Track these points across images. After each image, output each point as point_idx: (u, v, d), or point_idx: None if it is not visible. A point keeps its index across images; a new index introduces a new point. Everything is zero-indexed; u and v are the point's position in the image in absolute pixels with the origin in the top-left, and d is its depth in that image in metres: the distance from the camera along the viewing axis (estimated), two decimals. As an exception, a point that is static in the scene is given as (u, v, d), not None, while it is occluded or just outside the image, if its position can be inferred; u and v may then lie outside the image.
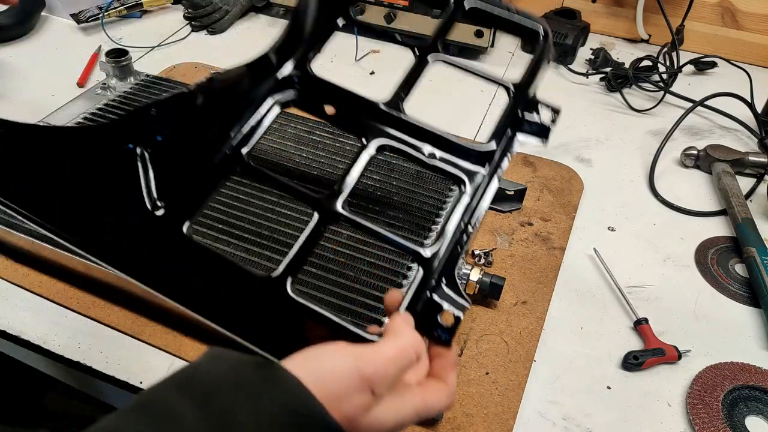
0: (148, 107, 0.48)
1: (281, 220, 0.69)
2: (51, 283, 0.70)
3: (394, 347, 0.39)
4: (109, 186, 0.46)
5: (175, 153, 0.48)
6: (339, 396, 0.35)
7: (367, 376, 0.36)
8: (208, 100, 0.51)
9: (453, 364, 0.43)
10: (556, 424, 0.60)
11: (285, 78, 0.54)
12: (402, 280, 0.63)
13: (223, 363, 0.36)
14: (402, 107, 0.54)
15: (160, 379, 0.35)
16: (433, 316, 0.44)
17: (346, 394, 0.36)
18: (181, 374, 0.35)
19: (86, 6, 1.23)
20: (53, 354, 0.64)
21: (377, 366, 0.37)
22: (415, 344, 0.40)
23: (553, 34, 1.16)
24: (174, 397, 0.33)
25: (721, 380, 0.63)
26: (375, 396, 0.37)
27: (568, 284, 0.74)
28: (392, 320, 0.42)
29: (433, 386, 0.41)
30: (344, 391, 0.36)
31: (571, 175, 0.89)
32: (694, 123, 1.02)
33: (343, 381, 0.36)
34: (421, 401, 0.40)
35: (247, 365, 0.36)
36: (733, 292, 0.74)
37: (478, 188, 0.51)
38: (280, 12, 1.32)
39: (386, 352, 0.38)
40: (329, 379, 0.36)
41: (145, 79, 0.95)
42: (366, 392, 0.36)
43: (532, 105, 0.54)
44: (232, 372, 0.35)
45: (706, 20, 1.19)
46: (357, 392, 0.36)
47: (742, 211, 0.81)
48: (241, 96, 0.52)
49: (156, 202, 0.46)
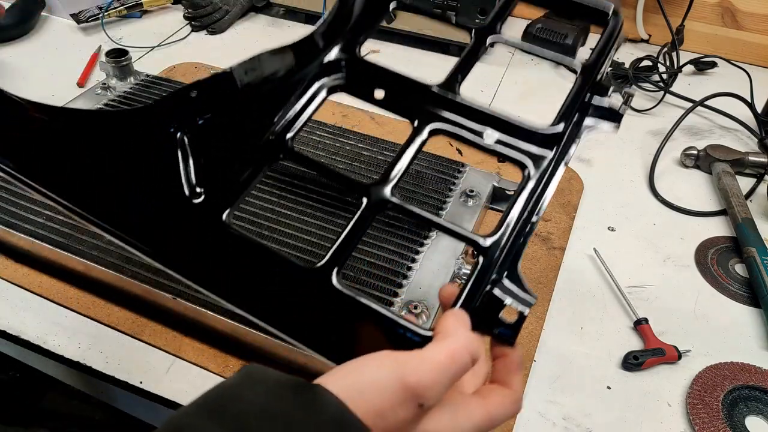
0: (188, 89, 0.45)
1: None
2: (51, 283, 0.70)
3: (443, 351, 0.34)
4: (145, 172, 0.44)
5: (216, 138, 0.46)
6: (381, 411, 0.32)
7: (411, 387, 0.32)
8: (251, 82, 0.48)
9: (518, 366, 0.38)
10: (556, 424, 0.60)
11: (331, 62, 0.51)
12: (402, 280, 0.64)
13: (259, 386, 0.32)
14: (458, 89, 0.50)
15: (190, 402, 0.32)
16: (495, 312, 0.40)
17: (389, 408, 0.32)
18: (214, 398, 0.32)
19: (86, 6, 1.23)
20: (53, 354, 0.64)
21: (423, 374, 0.33)
22: (471, 346, 0.35)
23: (553, 34, 1.16)
24: (206, 426, 0.30)
25: (721, 380, 0.63)
26: (423, 409, 0.33)
27: (568, 284, 0.74)
28: (443, 319, 0.37)
29: (497, 394, 0.37)
30: (386, 405, 0.32)
31: (571, 175, 0.89)
32: (694, 123, 1.02)
33: (384, 394, 0.32)
34: (484, 414, 0.35)
35: (285, 389, 0.32)
36: (733, 292, 0.74)
37: (544, 174, 0.46)
38: (280, 12, 1.32)
39: (434, 358, 0.34)
40: (370, 393, 0.32)
41: (145, 79, 0.95)
42: (411, 405, 0.32)
43: (601, 88, 0.49)
44: (270, 398, 0.32)
45: (706, 20, 1.19)
46: (401, 406, 0.32)
47: (742, 211, 0.81)
48: (286, 79, 0.49)
49: (195, 189, 0.44)
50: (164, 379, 0.62)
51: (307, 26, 1.27)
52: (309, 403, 0.31)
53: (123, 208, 0.44)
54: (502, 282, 0.41)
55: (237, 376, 0.33)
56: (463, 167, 0.79)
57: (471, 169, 0.78)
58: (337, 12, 0.53)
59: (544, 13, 1.22)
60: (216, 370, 0.62)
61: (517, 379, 0.38)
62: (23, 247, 0.70)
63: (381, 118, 0.98)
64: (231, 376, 0.34)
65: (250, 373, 0.33)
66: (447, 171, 0.78)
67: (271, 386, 0.32)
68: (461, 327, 0.37)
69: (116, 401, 0.72)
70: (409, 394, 0.32)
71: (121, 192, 0.44)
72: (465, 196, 0.74)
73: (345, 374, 0.34)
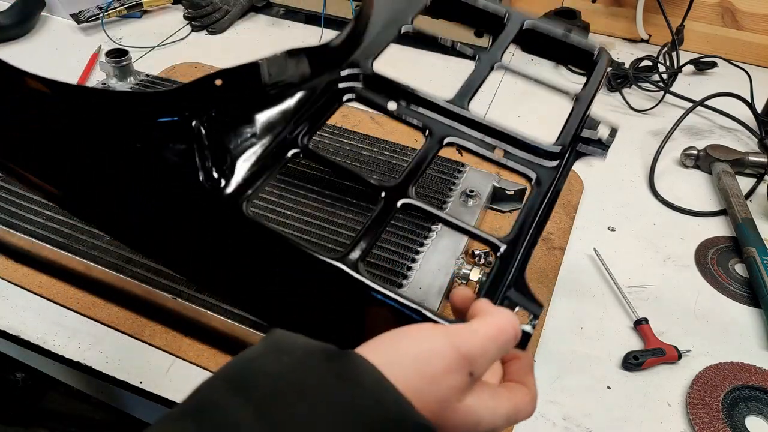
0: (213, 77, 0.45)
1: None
2: (51, 283, 0.70)
3: (492, 324, 0.34)
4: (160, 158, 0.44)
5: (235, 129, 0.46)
6: (434, 377, 0.31)
7: (465, 354, 0.32)
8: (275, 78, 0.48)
9: (531, 368, 0.39)
10: (556, 424, 0.60)
11: (350, 73, 0.54)
12: (402, 280, 0.63)
13: (285, 356, 0.30)
14: (467, 105, 0.53)
15: (212, 376, 0.31)
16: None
17: (443, 374, 0.31)
18: (239, 370, 0.30)
19: (86, 6, 1.23)
20: (53, 354, 0.64)
21: (475, 344, 0.33)
22: (515, 322, 0.35)
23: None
24: (232, 403, 0.28)
25: (721, 380, 0.63)
26: (473, 378, 0.32)
27: (568, 284, 0.74)
28: (479, 301, 0.37)
29: (520, 390, 0.37)
30: (441, 371, 0.31)
31: (571, 175, 0.89)
32: (694, 123, 1.02)
33: (438, 361, 0.31)
34: (514, 406, 0.35)
35: (315, 358, 0.30)
36: (733, 292, 0.74)
37: (549, 185, 0.50)
38: (280, 12, 1.32)
39: (483, 330, 0.34)
40: (422, 359, 0.31)
41: (145, 79, 0.95)
42: (464, 372, 0.32)
43: (591, 122, 0.55)
44: (299, 370, 0.30)
45: (706, 20, 1.18)
46: (454, 372, 0.32)
47: (742, 211, 0.81)
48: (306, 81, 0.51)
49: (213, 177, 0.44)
50: (164, 379, 0.62)
51: (307, 26, 1.28)
52: (343, 373, 0.30)
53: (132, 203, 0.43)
54: (512, 289, 0.42)
55: (262, 345, 0.32)
56: (463, 167, 0.79)
57: (471, 169, 0.78)
58: (354, 28, 0.55)
59: (544, 12, 1.22)
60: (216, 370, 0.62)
61: (532, 379, 0.38)
62: (23, 247, 0.70)
63: (381, 118, 0.98)
64: (255, 346, 0.32)
65: (276, 341, 0.32)
66: (447, 171, 0.78)
67: (299, 356, 0.31)
68: (498, 307, 0.37)
69: (116, 401, 0.72)
70: (464, 361, 0.32)
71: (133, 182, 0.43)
72: (465, 196, 0.74)
73: (388, 342, 0.33)
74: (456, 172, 0.78)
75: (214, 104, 0.45)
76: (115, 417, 1.11)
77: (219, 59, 1.12)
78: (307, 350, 0.31)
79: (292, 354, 0.31)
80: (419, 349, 0.32)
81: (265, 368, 0.30)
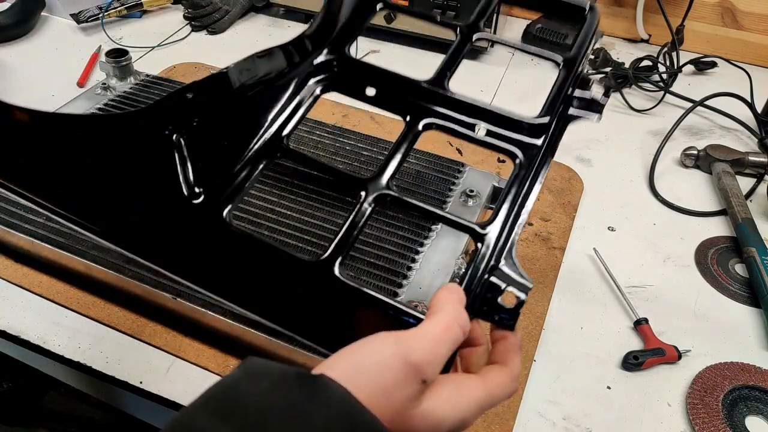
0: (184, 90, 0.45)
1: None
2: (51, 283, 0.70)
3: (438, 325, 0.35)
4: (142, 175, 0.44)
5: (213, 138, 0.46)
6: (385, 389, 0.32)
7: (413, 363, 0.33)
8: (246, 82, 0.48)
9: (517, 347, 0.39)
10: (556, 424, 0.60)
11: (323, 62, 0.52)
12: (402, 280, 0.64)
13: (263, 380, 0.32)
14: (446, 85, 0.52)
15: (193, 402, 0.32)
16: (494, 298, 0.41)
17: (393, 387, 0.33)
18: (218, 396, 0.32)
19: (86, 6, 1.23)
20: (53, 354, 0.64)
21: (423, 349, 0.34)
22: (460, 318, 0.36)
23: (553, 35, 1.16)
24: (216, 425, 0.30)
25: (721, 380, 0.63)
26: (426, 385, 0.34)
27: (568, 284, 0.74)
28: (435, 294, 0.38)
29: (496, 373, 0.38)
30: (391, 384, 0.32)
31: (571, 175, 0.89)
32: (694, 123, 1.02)
33: (387, 372, 0.33)
34: (484, 392, 0.36)
35: (289, 382, 0.32)
36: (733, 292, 0.74)
37: (533, 163, 0.48)
38: (280, 12, 1.32)
39: (430, 332, 0.35)
40: (375, 374, 0.33)
41: (145, 79, 0.95)
42: (415, 381, 0.33)
43: (582, 81, 0.52)
44: (276, 393, 0.32)
45: (706, 20, 1.19)
46: (405, 382, 0.33)
47: (742, 211, 0.81)
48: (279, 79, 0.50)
49: (194, 190, 0.44)
50: (164, 379, 0.62)
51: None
52: (315, 394, 0.31)
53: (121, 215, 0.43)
54: (499, 269, 0.42)
55: (238, 372, 0.33)
56: (463, 167, 0.79)
57: (471, 169, 0.78)
58: (325, 13, 0.54)
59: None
60: (216, 370, 0.62)
61: (516, 359, 0.39)
62: (23, 247, 0.70)
63: (381, 117, 0.98)
64: (231, 372, 0.33)
65: (251, 368, 0.33)
66: (447, 171, 0.77)
67: (276, 380, 0.32)
68: (450, 301, 0.38)
69: (116, 401, 0.72)
70: (413, 371, 0.33)
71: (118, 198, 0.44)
72: (465, 196, 0.74)
73: (346, 358, 0.34)
74: (456, 172, 0.78)
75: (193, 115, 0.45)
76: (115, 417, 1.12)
77: (219, 59, 1.12)
78: (281, 375, 0.32)
79: (268, 378, 0.32)
80: (371, 363, 0.33)
81: (245, 392, 0.31)
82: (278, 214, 0.69)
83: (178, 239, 0.43)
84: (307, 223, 0.68)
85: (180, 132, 0.45)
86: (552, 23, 1.18)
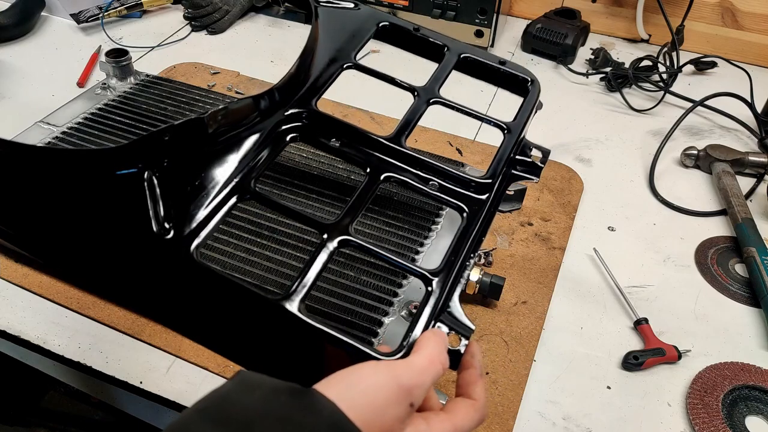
0: (161, 133, 0.47)
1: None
2: (51, 283, 0.70)
3: (424, 358, 0.39)
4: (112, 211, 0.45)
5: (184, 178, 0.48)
6: (378, 408, 0.35)
7: (404, 386, 0.36)
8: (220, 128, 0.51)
9: (477, 378, 0.43)
10: (556, 424, 0.60)
11: (292, 113, 0.57)
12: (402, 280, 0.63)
13: (256, 392, 0.34)
14: (404, 142, 0.56)
15: (188, 410, 0.33)
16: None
17: (386, 405, 0.36)
18: (213, 404, 0.34)
19: (86, 6, 1.23)
20: (53, 354, 0.64)
21: (412, 377, 0.37)
22: (441, 356, 0.40)
23: (553, 34, 1.16)
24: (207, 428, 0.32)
25: (721, 380, 0.63)
26: (412, 409, 0.37)
27: (568, 284, 0.74)
28: (421, 336, 0.43)
29: (460, 406, 0.41)
30: (384, 403, 0.36)
31: (571, 175, 0.89)
32: (694, 123, 1.02)
33: (380, 391, 0.36)
34: (451, 427, 0.39)
35: (281, 394, 0.34)
36: (733, 292, 0.74)
37: (480, 216, 0.53)
38: (280, 12, 1.32)
39: (417, 363, 0.39)
40: (367, 391, 0.36)
41: (145, 79, 0.95)
42: (405, 403, 0.36)
43: (523, 147, 0.59)
44: (268, 403, 0.34)
45: (706, 20, 1.18)
46: (397, 403, 0.36)
47: (742, 211, 0.81)
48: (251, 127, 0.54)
49: (164, 225, 0.45)
50: (164, 379, 0.62)
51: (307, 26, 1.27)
52: (306, 406, 0.34)
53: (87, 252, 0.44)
54: (446, 313, 0.45)
55: (232, 383, 0.35)
56: (462, 167, 0.79)
57: (471, 169, 0.78)
58: (297, 69, 0.58)
59: (544, 12, 1.22)
60: (216, 370, 0.62)
61: (477, 389, 0.42)
62: (23, 247, 0.70)
63: (381, 117, 0.98)
64: (225, 384, 0.35)
65: (245, 380, 0.35)
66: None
67: (268, 391, 0.34)
68: (434, 341, 0.42)
69: (116, 401, 0.72)
70: (404, 393, 0.36)
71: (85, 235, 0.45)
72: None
73: (340, 380, 0.36)
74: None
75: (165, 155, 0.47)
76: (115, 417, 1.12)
77: (219, 59, 1.12)
78: (274, 387, 0.35)
79: (261, 388, 0.34)
80: (366, 383, 0.36)
81: (239, 402, 0.33)
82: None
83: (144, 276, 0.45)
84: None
85: (152, 169, 0.46)
86: (552, 23, 1.18)
